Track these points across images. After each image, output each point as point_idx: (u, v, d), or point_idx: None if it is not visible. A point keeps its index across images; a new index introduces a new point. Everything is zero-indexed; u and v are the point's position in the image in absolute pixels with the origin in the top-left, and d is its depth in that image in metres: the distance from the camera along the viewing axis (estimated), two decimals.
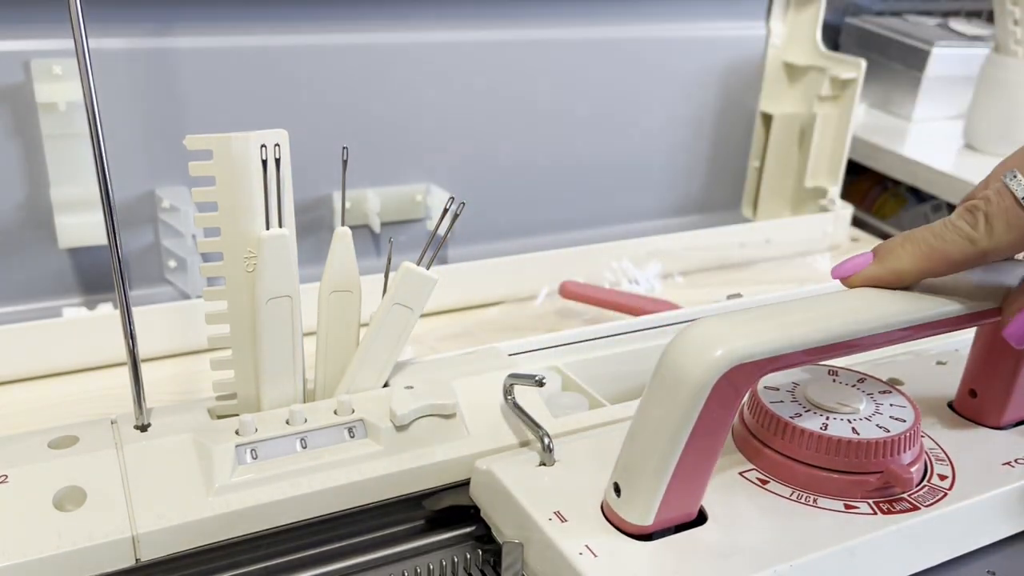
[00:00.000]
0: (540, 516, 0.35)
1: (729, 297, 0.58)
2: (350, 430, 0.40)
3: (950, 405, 0.44)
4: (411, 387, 0.41)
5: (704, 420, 0.32)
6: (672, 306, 0.66)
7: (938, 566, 0.37)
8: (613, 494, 0.34)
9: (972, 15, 1.20)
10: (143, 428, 0.38)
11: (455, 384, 0.42)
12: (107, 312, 0.61)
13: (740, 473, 0.38)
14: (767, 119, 0.87)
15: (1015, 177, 0.34)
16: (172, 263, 0.64)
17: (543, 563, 0.35)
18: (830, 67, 0.82)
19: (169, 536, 0.35)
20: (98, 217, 0.59)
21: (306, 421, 0.39)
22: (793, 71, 0.86)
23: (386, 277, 0.42)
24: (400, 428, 0.40)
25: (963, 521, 0.37)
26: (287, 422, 0.39)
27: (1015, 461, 0.40)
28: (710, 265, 0.80)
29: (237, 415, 0.39)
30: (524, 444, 0.41)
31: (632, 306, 0.67)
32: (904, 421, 0.38)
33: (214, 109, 0.63)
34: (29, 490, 0.35)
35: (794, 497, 0.37)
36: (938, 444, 0.41)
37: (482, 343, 0.48)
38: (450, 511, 0.41)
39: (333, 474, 0.38)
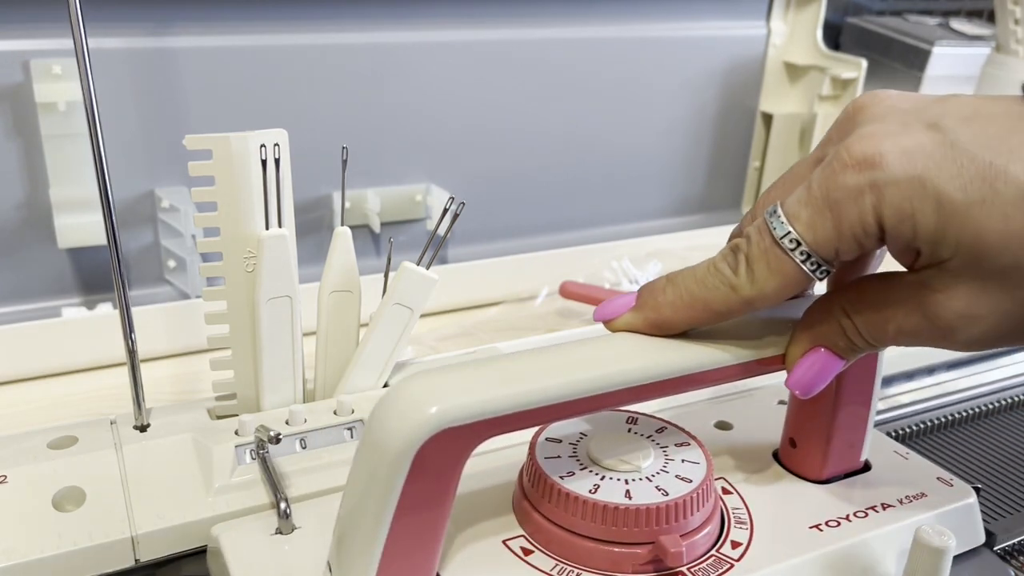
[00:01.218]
0: None
1: None
2: (350, 430, 0.39)
3: (775, 454, 0.40)
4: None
5: (412, 492, 0.27)
6: None
7: None
8: (328, 574, 0.30)
9: (973, 15, 1.19)
10: (143, 428, 0.38)
11: None
12: (107, 312, 0.61)
13: (504, 541, 0.33)
14: (767, 119, 0.87)
15: (775, 213, 0.29)
16: (172, 263, 0.64)
17: None
18: (831, 67, 0.82)
19: (169, 536, 0.35)
20: (98, 217, 0.59)
21: (306, 421, 0.39)
22: (794, 71, 0.86)
23: (386, 277, 0.42)
24: None
25: None
26: (287, 422, 0.39)
27: (825, 524, 0.35)
28: None
29: (237, 415, 0.39)
30: None
31: None
32: (690, 482, 0.33)
33: (214, 109, 0.63)
34: (29, 490, 0.35)
35: (555, 571, 0.32)
36: (744, 502, 0.36)
37: (482, 343, 0.48)
38: None
39: (333, 474, 0.38)
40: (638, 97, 0.80)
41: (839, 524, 0.36)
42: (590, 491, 0.32)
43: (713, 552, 0.33)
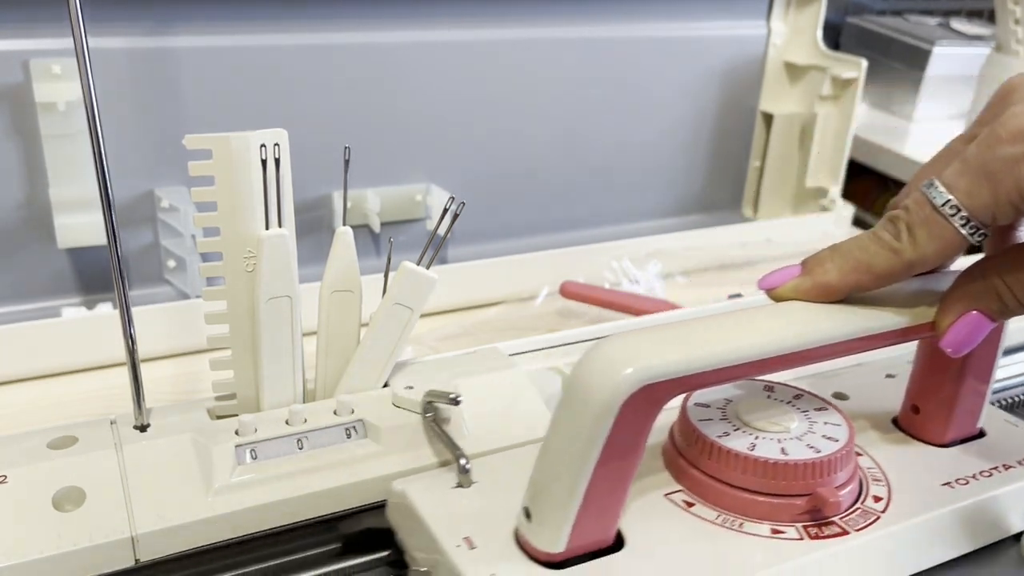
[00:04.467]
0: (448, 542, 0.33)
1: (730, 297, 0.58)
2: (349, 430, 0.39)
3: (894, 421, 0.43)
4: (411, 387, 0.41)
5: (614, 442, 0.30)
6: (672, 306, 0.66)
7: None
8: (524, 519, 0.33)
9: (973, 15, 1.19)
10: (142, 428, 0.38)
11: (455, 384, 0.42)
12: (106, 312, 0.61)
13: (666, 495, 0.36)
14: (768, 119, 0.87)
15: (932, 185, 0.33)
16: (171, 263, 0.64)
17: None
18: (831, 67, 0.82)
19: (169, 536, 0.35)
20: (97, 217, 0.59)
21: (306, 421, 0.39)
22: (794, 71, 0.86)
23: (386, 277, 0.42)
24: (399, 428, 0.39)
25: (895, 546, 0.35)
26: (287, 422, 0.39)
27: (955, 481, 0.38)
28: (710, 265, 0.80)
29: (237, 415, 0.39)
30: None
31: (632, 306, 0.67)
32: (837, 441, 0.36)
33: (214, 109, 0.63)
34: (29, 490, 0.35)
35: (719, 521, 0.35)
36: (876, 463, 0.39)
37: (482, 343, 0.48)
38: (371, 534, 0.39)
39: (333, 474, 0.38)
40: (638, 97, 0.80)
41: (967, 482, 0.39)
42: (748, 448, 0.35)
43: (858, 505, 0.36)
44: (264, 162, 0.37)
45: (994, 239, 0.37)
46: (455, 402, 0.38)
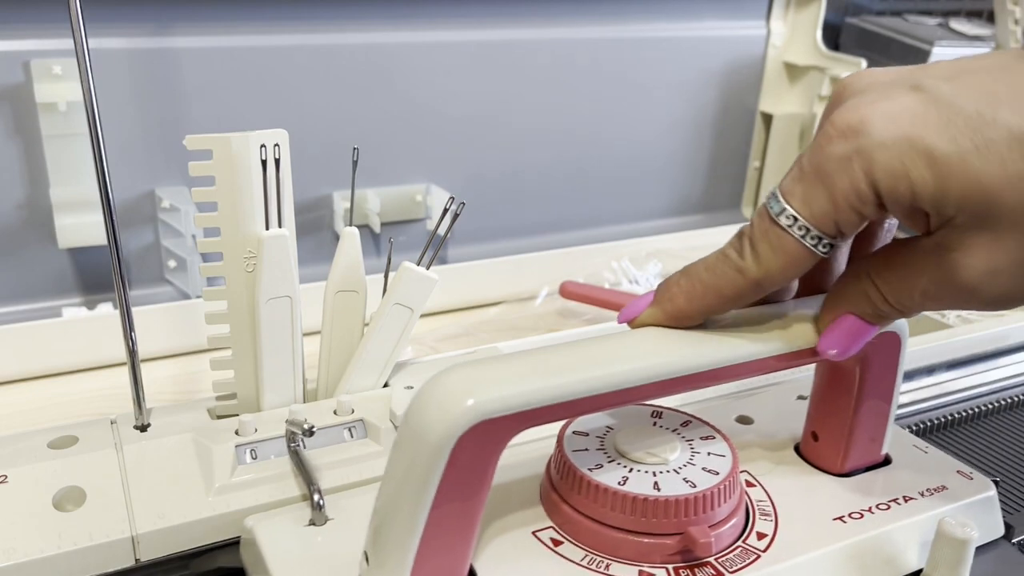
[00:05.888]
0: None
1: None
2: (350, 430, 0.40)
3: (796, 448, 0.40)
4: (411, 387, 0.41)
5: (450, 483, 0.28)
6: None
7: None
8: (364, 563, 0.30)
9: (972, 15, 1.19)
10: (143, 428, 0.38)
11: None
12: (107, 312, 0.61)
13: (533, 532, 0.34)
14: (767, 119, 0.87)
15: (772, 195, 0.30)
16: (172, 263, 0.64)
17: None
18: (830, 67, 0.82)
19: (169, 536, 0.35)
20: (98, 217, 0.59)
21: (306, 421, 0.39)
22: (793, 71, 0.86)
23: (386, 277, 0.42)
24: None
25: None
26: (287, 422, 0.39)
27: (848, 516, 0.36)
28: None
29: (237, 415, 0.39)
30: None
31: None
32: (717, 474, 0.33)
33: (214, 109, 0.63)
34: (29, 490, 0.35)
35: (585, 562, 0.32)
36: (768, 495, 0.37)
37: (482, 343, 0.48)
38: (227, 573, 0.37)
39: (333, 474, 0.38)
40: (638, 97, 0.80)
41: (862, 516, 0.36)
42: (619, 483, 0.33)
43: (740, 543, 0.34)
44: (264, 162, 0.37)
45: (865, 240, 0.34)
46: (309, 433, 0.36)
